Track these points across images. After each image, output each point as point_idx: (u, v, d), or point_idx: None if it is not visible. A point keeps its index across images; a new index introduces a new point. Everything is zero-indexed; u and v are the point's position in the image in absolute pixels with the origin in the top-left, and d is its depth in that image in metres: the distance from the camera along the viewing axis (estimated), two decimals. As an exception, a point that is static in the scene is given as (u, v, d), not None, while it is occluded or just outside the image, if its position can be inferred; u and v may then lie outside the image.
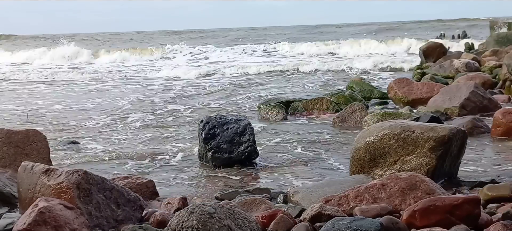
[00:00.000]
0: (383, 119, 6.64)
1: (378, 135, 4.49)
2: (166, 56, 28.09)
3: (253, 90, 13.09)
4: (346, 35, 34.38)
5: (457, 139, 4.41)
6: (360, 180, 4.30)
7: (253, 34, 47.17)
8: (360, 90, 10.11)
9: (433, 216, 3.23)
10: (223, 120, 6.01)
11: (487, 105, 7.75)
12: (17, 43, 43.76)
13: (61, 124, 9.35)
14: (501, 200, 3.75)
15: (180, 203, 4.00)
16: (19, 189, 3.84)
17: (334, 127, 7.62)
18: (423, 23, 48.11)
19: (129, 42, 43.01)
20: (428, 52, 15.06)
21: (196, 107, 11.02)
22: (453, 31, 33.25)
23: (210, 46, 31.13)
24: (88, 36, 51.27)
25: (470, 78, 9.81)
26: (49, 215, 3.17)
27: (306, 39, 34.18)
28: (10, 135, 5.13)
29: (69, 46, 29.28)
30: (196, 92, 13.50)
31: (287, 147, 6.77)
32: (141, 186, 4.50)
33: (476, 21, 45.23)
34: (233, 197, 4.29)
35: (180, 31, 57.23)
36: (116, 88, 14.98)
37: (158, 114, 10.21)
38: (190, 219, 3.11)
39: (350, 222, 3.12)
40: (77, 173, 3.58)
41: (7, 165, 4.95)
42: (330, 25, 57.70)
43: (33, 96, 13.58)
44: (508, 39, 15.79)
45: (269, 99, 9.76)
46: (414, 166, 4.33)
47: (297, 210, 3.67)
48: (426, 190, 3.60)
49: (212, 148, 5.80)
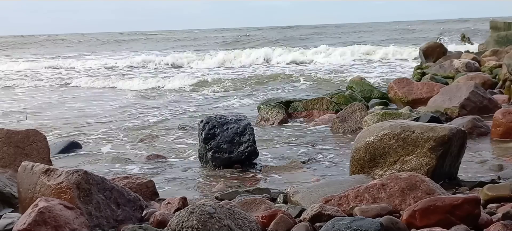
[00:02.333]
0: (383, 118, 6.63)
1: (378, 135, 4.49)
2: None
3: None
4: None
5: (457, 139, 4.40)
6: (360, 180, 4.30)
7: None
8: (360, 90, 10.11)
9: (433, 216, 3.23)
10: (223, 120, 6.00)
11: (487, 106, 7.75)
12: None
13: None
14: (501, 200, 3.75)
15: (180, 203, 4.00)
16: (19, 189, 3.84)
17: (334, 126, 7.62)
18: (421, 23, 48.01)
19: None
20: (428, 52, 15.06)
21: (196, 107, 11.03)
22: (451, 34, 32.93)
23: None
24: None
25: (470, 78, 9.81)
26: (49, 215, 3.17)
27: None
28: (10, 135, 5.13)
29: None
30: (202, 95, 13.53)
31: (287, 146, 6.77)
32: (141, 186, 4.50)
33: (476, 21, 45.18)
34: (233, 197, 4.29)
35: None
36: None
37: (158, 114, 10.22)
38: (190, 219, 3.11)
39: (350, 222, 3.12)
40: (77, 173, 3.57)
41: (7, 165, 4.95)
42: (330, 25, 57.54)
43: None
44: (508, 39, 15.79)
45: (269, 99, 9.75)
46: (414, 166, 4.33)
47: (297, 210, 3.67)
48: (426, 190, 3.60)
49: (212, 148, 5.80)
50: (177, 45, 40.88)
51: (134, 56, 28.24)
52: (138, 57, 27.57)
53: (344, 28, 56.07)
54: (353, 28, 55.57)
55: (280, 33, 49.23)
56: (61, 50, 39.59)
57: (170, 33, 60.83)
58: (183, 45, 40.47)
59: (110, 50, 38.44)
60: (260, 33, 50.40)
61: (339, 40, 35.89)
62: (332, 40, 35.69)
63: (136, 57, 27.70)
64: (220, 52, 27.96)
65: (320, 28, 57.36)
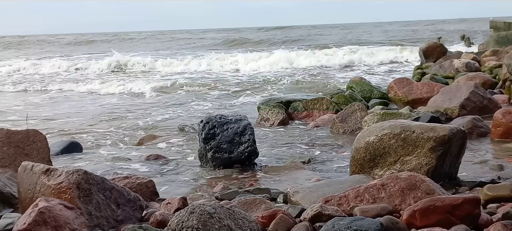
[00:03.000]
0: (383, 118, 6.63)
1: (378, 135, 4.49)
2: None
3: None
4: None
5: (457, 139, 4.40)
6: (360, 180, 4.29)
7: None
8: (360, 90, 10.11)
9: (433, 216, 3.23)
10: (223, 119, 6.00)
11: (487, 106, 7.75)
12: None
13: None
14: (501, 200, 3.75)
15: (180, 203, 4.00)
16: (19, 189, 3.84)
17: (334, 126, 7.62)
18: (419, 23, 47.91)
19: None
20: (428, 52, 15.06)
21: (197, 108, 11.04)
22: (452, 35, 32.83)
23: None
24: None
25: (470, 78, 9.81)
26: (49, 215, 3.17)
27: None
28: (10, 135, 5.12)
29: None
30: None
31: (287, 146, 6.77)
32: (141, 186, 4.50)
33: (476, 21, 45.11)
34: (233, 197, 4.29)
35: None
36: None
37: (157, 115, 10.23)
38: (190, 219, 3.11)
39: (350, 222, 3.12)
40: (77, 173, 3.57)
41: (7, 165, 4.95)
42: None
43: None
44: (508, 39, 15.79)
45: (269, 99, 9.75)
46: (414, 166, 4.33)
47: (297, 210, 3.67)
48: (426, 190, 3.60)
49: (212, 148, 5.80)
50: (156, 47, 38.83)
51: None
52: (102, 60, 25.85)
53: (345, 28, 56.03)
54: (354, 28, 55.52)
55: (274, 34, 48.73)
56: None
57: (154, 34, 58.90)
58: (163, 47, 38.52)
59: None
60: (259, 34, 50.06)
61: (338, 41, 35.78)
62: (332, 40, 35.58)
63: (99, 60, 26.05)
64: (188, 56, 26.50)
65: (319, 28, 57.27)
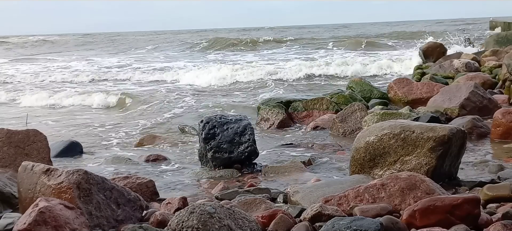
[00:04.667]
0: (383, 118, 6.64)
1: (378, 135, 4.49)
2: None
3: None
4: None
5: (457, 139, 4.41)
6: (360, 180, 4.30)
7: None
8: (360, 90, 10.11)
9: (433, 216, 3.23)
10: (223, 119, 6.01)
11: (487, 106, 7.74)
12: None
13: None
14: (501, 200, 3.75)
15: (180, 203, 4.00)
16: (19, 189, 3.84)
17: (334, 126, 7.62)
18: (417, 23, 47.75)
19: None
20: (428, 52, 15.07)
21: (197, 108, 11.03)
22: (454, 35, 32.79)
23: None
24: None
25: (470, 78, 9.81)
26: (49, 215, 3.17)
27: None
28: (10, 135, 5.13)
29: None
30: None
31: (287, 146, 6.77)
32: (141, 186, 4.50)
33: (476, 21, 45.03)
34: (233, 197, 4.30)
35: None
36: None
37: (157, 115, 10.23)
38: (190, 219, 3.11)
39: (350, 222, 3.12)
40: (77, 172, 3.57)
41: (7, 165, 4.95)
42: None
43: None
44: (508, 39, 15.79)
45: (269, 99, 9.74)
46: (414, 166, 4.33)
47: (297, 210, 3.67)
48: (426, 190, 3.61)
49: (212, 148, 5.80)
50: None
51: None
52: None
53: (344, 28, 56.02)
54: (352, 28, 55.47)
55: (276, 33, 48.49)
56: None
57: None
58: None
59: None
60: (258, 33, 49.86)
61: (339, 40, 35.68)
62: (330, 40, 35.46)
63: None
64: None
65: (319, 28, 57.24)
